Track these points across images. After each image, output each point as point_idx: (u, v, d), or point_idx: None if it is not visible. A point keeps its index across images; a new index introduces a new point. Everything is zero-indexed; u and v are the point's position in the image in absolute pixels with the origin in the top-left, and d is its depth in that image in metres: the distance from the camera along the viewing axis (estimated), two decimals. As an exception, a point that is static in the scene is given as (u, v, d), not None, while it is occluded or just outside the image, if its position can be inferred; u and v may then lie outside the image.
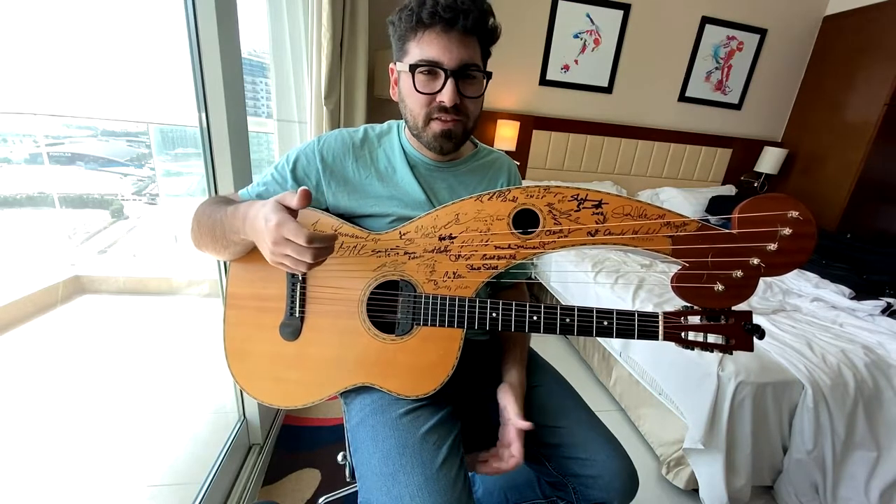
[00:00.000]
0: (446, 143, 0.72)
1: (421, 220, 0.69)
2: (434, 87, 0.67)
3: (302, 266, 0.57)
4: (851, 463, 1.28)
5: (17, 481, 0.82)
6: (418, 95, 0.68)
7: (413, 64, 0.66)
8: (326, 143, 0.76)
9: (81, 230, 1.17)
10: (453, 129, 0.70)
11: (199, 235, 0.72)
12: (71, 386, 1.05)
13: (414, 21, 0.64)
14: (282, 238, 0.54)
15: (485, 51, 0.70)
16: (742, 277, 0.60)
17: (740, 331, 0.63)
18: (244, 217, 0.62)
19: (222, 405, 1.28)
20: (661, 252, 0.62)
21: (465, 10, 0.63)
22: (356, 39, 1.78)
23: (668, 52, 2.75)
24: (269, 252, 0.57)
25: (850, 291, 1.78)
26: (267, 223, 0.55)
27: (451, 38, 0.64)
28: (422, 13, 0.63)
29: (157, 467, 1.10)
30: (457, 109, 0.68)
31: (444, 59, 0.65)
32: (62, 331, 1.07)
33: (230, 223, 0.65)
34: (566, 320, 0.66)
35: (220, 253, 0.72)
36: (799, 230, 0.58)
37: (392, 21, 0.69)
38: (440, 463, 0.64)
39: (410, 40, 0.67)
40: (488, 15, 0.67)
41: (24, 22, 0.79)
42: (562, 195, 0.64)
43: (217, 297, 1.08)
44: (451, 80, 0.66)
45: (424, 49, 0.65)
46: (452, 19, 0.63)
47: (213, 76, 0.88)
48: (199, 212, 0.72)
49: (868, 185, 2.56)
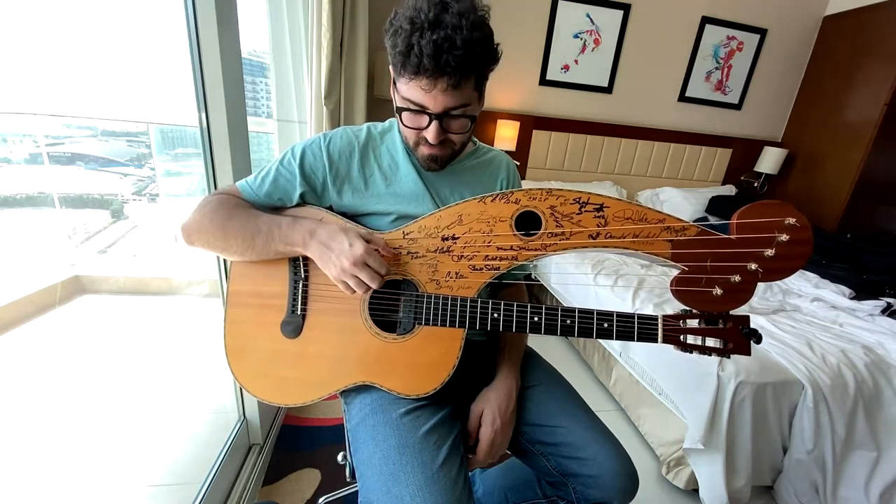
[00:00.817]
0: (433, 165, 0.74)
1: (424, 220, 0.70)
2: (420, 123, 0.68)
3: (362, 287, 0.65)
4: (851, 463, 1.28)
5: (18, 481, 0.82)
6: (406, 128, 0.70)
7: (399, 106, 0.68)
8: (333, 142, 0.76)
9: (81, 230, 1.17)
10: (440, 154, 0.72)
11: (214, 234, 0.70)
12: (71, 386, 1.05)
13: (403, 66, 0.62)
14: (363, 263, 0.63)
15: (479, 82, 0.67)
16: (740, 282, 0.61)
17: (738, 335, 0.64)
18: (311, 232, 0.68)
19: (222, 405, 1.28)
20: (660, 256, 0.63)
21: (451, 68, 0.59)
22: (356, 39, 1.78)
23: (668, 52, 2.75)
24: (340, 269, 0.65)
25: (850, 291, 1.78)
26: (353, 248, 0.64)
27: (437, 85, 0.62)
28: (407, 64, 0.61)
29: (157, 467, 1.10)
30: (442, 143, 0.70)
31: (428, 104, 0.65)
32: (62, 331, 1.07)
33: (285, 236, 0.68)
34: (567, 322, 0.66)
35: (244, 255, 0.71)
36: (796, 236, 0.59)
37: (388, 34, 0.64)
38: (440, 463, 0.64)
39: (401, 75, 0.65)
40: (481, 49, 0.61)
41: (24, 22, 0.79)
42: (564, 198, 0.65)
43: (217, 297, 1.08)
44: (435, 122, 0.66)
45: (412, 91, 0.64)
46: (436, 74, 0.60)
47: (213, 76, 0.88)
48: (214, 211, 0.70)
49: (868, 185, 2.56)
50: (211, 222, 0.70)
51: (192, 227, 0.71)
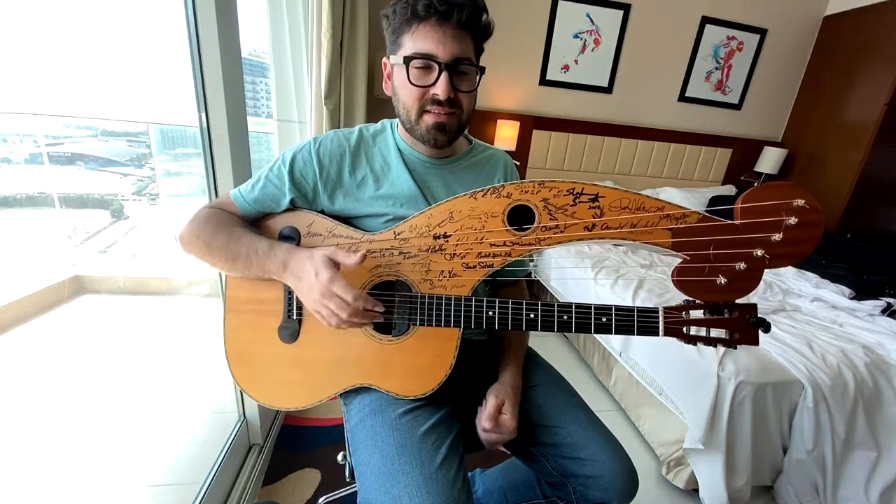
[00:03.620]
0: (440, 135, 0.71)
1: (415, 219, 0.69)
2: (428, 80, 0.67)
3: (334, 319, 0.63)
4: (851, 463, 1.28)
5: (18, 481, 0.82)
6: (412, 88, 0.68)
7: (407, 56, 0.66)
8: (323, 146, 0.74)
9: (81, 230, 1.17)
10: (447, 122, 0.70)
11: (201, 250, 0.71)
12: (71, 386, 1.05)
13: (409, 13, 0.65)
14: (331, 292, 0.61)
15: (478, 46, 0.71)
16: (745, 270, 0.58)
17: (745, 324, 0.61)
18: (284, 264, 0.66)
19: (222, 405, 1.28)
20: (660, 245, 0.61)
21: (461, 4, 0.64)
22: (356, 39, 1.78)
23: (668, 52, 2.75)
24: (312, 300, 0.63)
25: (850, 291, 1.78)
26: (318, 277, 0.61)
27: (445, 31, 0.65)
28: (417, 5, 0.63)
29: (157, 467, 1.10)
30: (451, 102, 0.68)
31: (438, 52, 0.65)
32: (62, 331, 1.07)
33: (262, 264, 0.68)
34: (563, 317, 0.65)
35: (231, 273, 0.73)
36: (805, 219, 0.55)
37: (386, 14, 0.69)
38: (439, 463, 0.64)
39: (405, 33, 0.67)
40: (482, 11, 0.67)
41: (24, 22, 0.79)
42: (557, 189, 0.63)
43: (217, 297, 1.08)
44: (444, 73, 0.66)
45: (418, 42, 0.65)
46: (447, 12, 0.63)
47: (213, 76, 0.88)
48: (201, 228, 0.71)
49: (868, 185, 2.56)
50: (198, 238, 0.71)
51: (185, 240, 0.72)
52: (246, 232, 0.71)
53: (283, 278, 0.67)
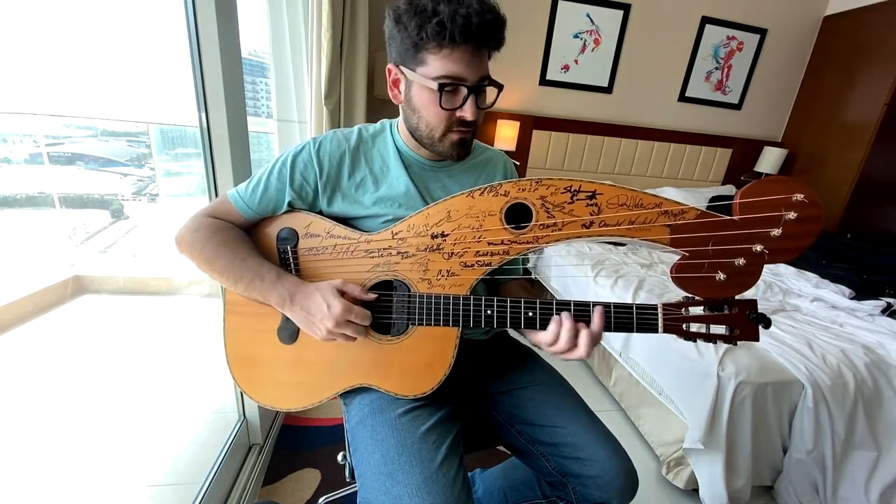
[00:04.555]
0: (463, 151, 0.72)
1: (412, 218, 0.69)
2: (455, 102, 0.66)
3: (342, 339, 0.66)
4: (851, 463, 1.28)
5: (18, 481, 0.82)
6: (441, 111, 0.66)
7: (437, 79, 0.64)
8: (323, 147, 0.74)
9: (81, 230, 1.17)
10: (469, 138, 0.72)
11: (200, 263, 0.71)
12: (71, 386, 1.05)
13: (446, 36, 0.61)
14: (345, 322, 0.64)
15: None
16: (745, 265, 0.58)
17: (745, 320, 0.61)
18: (289, 296, 0.66)
19: (222, 405, 1.28)
20: (658, 242, 0.61)
21: (496, 34, 0.64)
22: (356, 39, 1.78)
23: (667, 52, 2.74)
24: (326, 331, 0.64)
25: (850, 291, 1.78)
26: (331, 309, 0.63)
27: (473, 53, 0.64)
28: (454, 31, 0.60)
29: (157, 467, 1.10)
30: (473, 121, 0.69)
31: (467, 75, 0.64)
32: (62, 330, 1.07)
33: (265, 291, 0.68)
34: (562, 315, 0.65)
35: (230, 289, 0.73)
36: (804, 213, 0.55)
37: (401, 21, 0.63)
38: (439, 462, 0.64)
39: (431, 52, 0.63)
40: (501, 16, 0.65)
41: (25, 22, 0.79)
42: (554, 187, 0.63)
43: (217, 297, 1.08)
44: (472, 96, 0.66)
45: (449, 65, 0.63)
46: (484, 39, 0.63)
47: (213, 76, 0.88)
48: (203, 244, 0.70)
49: (868, 185, 2.55)
50: (200, 253, 0.70)
51: (184, 247, 0.72)
52: (251, 254, 0.70)
53: (288, 310, 0.67)
